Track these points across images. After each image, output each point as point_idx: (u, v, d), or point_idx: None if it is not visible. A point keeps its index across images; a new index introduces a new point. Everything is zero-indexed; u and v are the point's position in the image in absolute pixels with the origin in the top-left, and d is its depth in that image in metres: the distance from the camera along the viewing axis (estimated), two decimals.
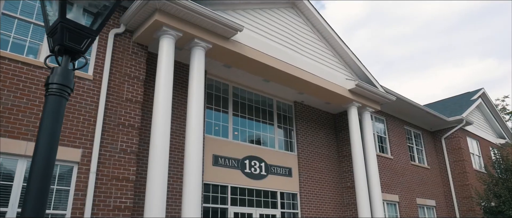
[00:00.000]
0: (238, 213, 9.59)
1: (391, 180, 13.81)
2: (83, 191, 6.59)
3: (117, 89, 7.58)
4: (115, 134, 7.30)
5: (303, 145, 11.93)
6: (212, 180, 9.28)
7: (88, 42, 2.20)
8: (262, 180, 10.39)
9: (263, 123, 11.25)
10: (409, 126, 16.10)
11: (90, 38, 2.20)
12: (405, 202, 14.02)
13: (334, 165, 12.71)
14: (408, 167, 14.96)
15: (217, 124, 10.02)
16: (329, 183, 12.26)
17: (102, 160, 6.99)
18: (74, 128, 6.80)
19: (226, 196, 9.50)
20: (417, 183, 15.14)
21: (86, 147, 6.85)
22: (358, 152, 11.17)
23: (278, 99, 11.94)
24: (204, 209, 8.96)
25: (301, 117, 12.25)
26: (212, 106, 10.09)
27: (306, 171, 11.64)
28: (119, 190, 7.05)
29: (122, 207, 7.00)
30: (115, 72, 7.66)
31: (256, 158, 10.44)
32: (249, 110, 10.98)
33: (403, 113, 15.28)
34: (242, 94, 10.98)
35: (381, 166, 13.57)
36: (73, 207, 6.44)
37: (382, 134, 14.47)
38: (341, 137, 13.19)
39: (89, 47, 2.24)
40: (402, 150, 15.01)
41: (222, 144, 9.81)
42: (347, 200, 12.36)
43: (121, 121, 7.45)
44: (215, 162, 9.45)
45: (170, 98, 7.28)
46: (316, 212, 11.42)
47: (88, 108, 7.07)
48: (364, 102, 11.69)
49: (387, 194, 13.34)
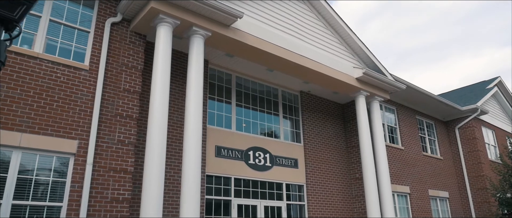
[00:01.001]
0: (242, 205, 9.41)
1: (402, 171, 13.44)
2: (80, 183, 6.49)
3: (114, 79, 7.43)
4: (112, 125, 7.17)
5: (310, 135, 11.66)
6: (215, 172, 9.11)
7: (23, 10, 1.98)
8: (267, 171, 10.17)
9: (268, 114, 11.00)
10: (421, 116, 15.64)
11: (24, 6, 1.97)
12: (416, 193, 13.65)
13: (342, 156, 12.42)
14: (419, 157, 14.55)
15: (220, 115, 9.82)
16: (337, 174, 11.98)
17: (99, 151, 6.87)
18: (70, 119, 6.69)
19: (230, 187, 9.33)
20: (429, 174, 14.72)
21: (83, 138, 6.73)
22: (366, 142, 10.85)
23: (283, 89, 11.67)
24: (207, 201, 8.81)
25: (307, 107, 11.96)
26: (215, 96, 9.89)
27: (313, 162, 11.38)
28: (117, 181, 6.93)
29: (120, 199, 6.88)
30: (112, 62, 7.50)
31: (261, 149, 10.22)
32: (253, 101, 10.75)
33: (415, 102, 14.83)
34: (245, 84, 10.75)
35: (391, 157, 13.21)
36: (70, 199, 6.34)
37: (393, 124, 14.08)
38: (349, 127, 12.86)
39: (24, 16, 2.01)
40: (413, 140, 14.60)
41: (225, 135, 9.62)
42: (356, 191, 12.07)
43: (119, 112, 7.31)
44: (218, 153, 9.28)
45: (167, 87, 7.10)
46: (323, 203, 11.17)
47: (84, 99, 6.94)
48: (372, 91, 11.33)
49: (398, 185, 12.99)
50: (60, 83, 6.75)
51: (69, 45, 7.17)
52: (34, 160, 6.25)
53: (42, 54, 6.67)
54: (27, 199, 6.05)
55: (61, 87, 6.73)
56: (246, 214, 9.40)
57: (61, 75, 6.80)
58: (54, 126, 6.49)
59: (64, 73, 6.84)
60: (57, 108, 6.59)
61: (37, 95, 6.45)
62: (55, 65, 6.78)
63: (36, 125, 6.31)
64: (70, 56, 7.11)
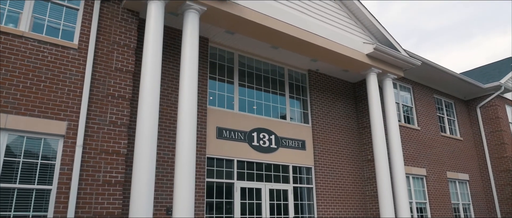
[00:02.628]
0: (246, 188, 9.10)
1: (418, 152, 12.81)
2: (69, 166, 6.28)
3: (105, 58, 7.14)
4: (103, 105, 6.90)
5: (319, 116, 11.17)
6: (216, 154, 8.79)
7: None
8: (272, 153, 9.79)
9: (273, 94, 10.56)
10: (439, 95, 14.84)
11: None
12: (433, 176, 13.02)
13: (353, 137, 11.89)
14: (437, 138, 13.85)
15: (222, 95, 9.45)
16: (348, 156, 11.49)
17: (90, 133, 6.63)
18: (59, 99, 6.45)
19: (232, 170, 9.01)
20: (448, 155, 14.02)
21: (72, 120, 6.49)
22: (377, 122, 10.29)
23: (289, 68, 11.16)
24: (208, 184, 8.53)
25: (316, 87, 11.44)
26: (216, 76, 9.50)
27: (321, 144, 10.92)
28: (109, 164, 6.69)
29: (113, 181, 6.65)
30: (102, 40, 7.20)
31: (265, 130, 9.82)
32: (257, 80, 10.31)
33: (432, 80, 14.05)
34: (249, 63, 10.30)
35: (407, 138, 12.59)
36: (59, 182, 6.14)
37: (408, 104, 13.39)
38: (361, 107, 12.28)
39: None
40: (431, 120, 13.89)
41: (227, 116, 9.26)
42: (368, 173, 11.57)
43: (110, 92, 7.02)
44: (219, 135, 8.94)
45: (158, 65, 6.75)
46: (333, 186, 10.74)
47: (73, 79, 6.67)
48: (385, 68, 10.69)
49: (413, 167, 12.40)
50: (48, 62, 6.50)
51: (57, 23, 6.89)
52: (21, 142, 6.05)
53: (28, 33, 6.41)
54: (15, 182, 5.88)
55: (48, 66, 6.48)
56: (250, 197, 9.09)
57: (49, 55, 6.54)
58: (41, 107, 6.26)
59: (52, 52, 6.58)
60: (44, 89, 6.35)
61: (23, 75, 6.21)
62: (42, 44, 6.51)
63: (22, 106, 6.09)
64: (58, 35, 6.83)
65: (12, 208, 5.77)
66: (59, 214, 6.02)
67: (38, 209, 5.98)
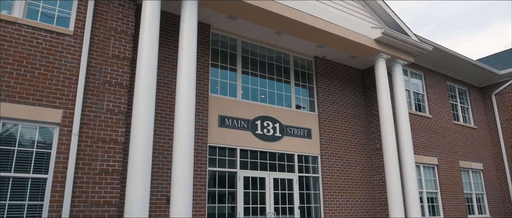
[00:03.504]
0: (249, 177, 8.92)
1: (429, 141, 12.43)
2: (65, 154, 6.17)
3: (101, 45, 6.97)
4: (100, 93, 6.76)
5: (325, 104, 10.87)
6: (219, 143, 8.62)
7: None
8: (277, 142, 9.57)
9: (278, 81, 10.29)
10: (452, 82, 14.35)
11: None
12: (445, 165, 12.64)
13: (361, 125, 11.57)
14: (450, 127, 13.41)
15: (224, 83, 9.23)
16: (356, 144, 11.20)
17: (86, 121, 6.51)
18: (54, 87, 6.32)
19: (235, 159, 8.84)
20: (461, 144, 13.58)
21: (68, 108, 6.37)
22: (386, 109, 9.95)
23: (295, 54, 10.86)
24: (210, 173, 8.37)
25: (322, 74, 11.12)
26: (218, 63, 9.28)
27: (328, 132, 10.64)
28: (106, 152, 6.57)
29: (110, 170, 6.54)
30: (99, 26, 7.03)
31: (270, 119, 9.60)
32: (261, 67, 10.06)
33: (445, 67, 13.56)
34: (252, 49, 10.04)
35: (417, 126, 12.21)
36: (55, 171, 6.05)
37: (420, 91, 12.97)
38: (369, 94, 11.92)
39: None
40: (443, 108, 13.44)
41: (229, 104, 9.05)
42: (376, 163, 11.27)
43: (107, 79, 6.88)
44: (221, 123, 8.75)
45: (155, 51, 6.56)
46: (340, 175, 10.49)
47: (69, 66, 6.54)
48: (394, 54, 10.30)
49: (424, 156, 12.04)
50: (42, 49, 6.36)
51: (52, 9, 6.74)
52: (16, 131, 5.96)
53: (21, 19, 6.27)
54: (10, 171, 5.80)
55: (43, 53, 6.35)
56: (253, 186, 8.92)
57: (43, 42, 6.40)
58: (36, 95, 6.14)
59: (46, 39, 6.44)
60: (39, 76, 6.23)
61: (16, 63, 6.09)
62: (36, 30, 6.38)
63: (16, 94, 5.98)
64: (53, 21, 6.68)
65: (8, 197, 5.70)
66: (55, 203, 5.94)
67: (34, 198, 5.91)
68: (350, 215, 10.35)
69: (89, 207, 6.22)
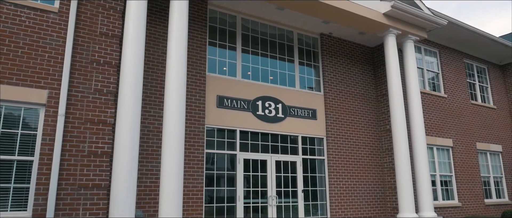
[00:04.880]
0: (249, 159, 8.61)
1: (444, 122, 11.81)
2: (51, 136, 5.97)
3: (89, 22, 6.68)
4: (88, 72, 6.50)
5: (332, 83, 10.38)
6: (217, 124, 8.31)
7: None
8: (279, 123, 9.20)
9: (281, 60, 9.84)
10: (470, 59, 13.56)
11: None
12: (461, 147, 12.02)
13: (370, 105, 11.05)
14: (466, 107, 12.72)
15: (223, 62, 8.86)
16: (364, 126, 10.71)
17: (73, 101, 6.27)
18: (38, 67, 6.09)
19: (235, 141, 8.53)
20: (478, 125, 12.89)
21: (53, 88, 6.14)
22: (395, 88, 9.40)
23: (299, 31, 10.35)
24: (207, 156, 8.10)
25: (329, 52, 10.60)
26: (216, 41, 8.89)
27: (334, 113, 10.18)
28: (94, 134, 6.34)
29: (99, 152, 6.32)
30: (86, 3, 6.72)
31: (272, 99, 9.20)
32: (262, 45, 9.61)
33: (462, 43, 12.78)
34: (253, 27, 9.59)
35: (431, 106, 11.60)
36: (41, 153, 5.86)
37: (435, 69, 12.29)
38: (379, 73, 11.34)
39: None
40: (459, 87, 12.74)
41: (228, 84, 8.69)
42: (386, 144, 10.77)
43: (95, 58, 6.60)
44: (220, 104, 8.42)
45: (142, 26, 6.23)
46: (347, 158, 10.07)
47: (54, 44, 6.28)
48: (405, 29, 9.67)
49: (438, 138, 11.46)
50: (26, 27, 6.11)
51: None
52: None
53: None
54: None
55: (26, 32, 6.10)
56: (254, 169, 8.61)
57: (26, 19, 6.14)
58: (19, 75, 5.92)
59: (30, 17, 6.18)
60: (22, 55, 6.00)
61: None
62: (19, 8, 6.12)
63: None
64: None
65: None
66: (41, 186, 5.77)
67: (20, 181, 5.75)
68: (357, 199, 9.97)
69: (77, 190, 6.04)
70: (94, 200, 6.14)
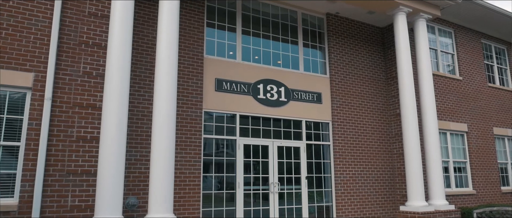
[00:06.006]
0: (250, 145, 8.29)
1: (458, 106, 11.22)
2: (38, 121, 5.77)
3: (77, 2, 6.39)
4: (76, 54, 6.24)
5: (338, 65, 9.91)
6: (215, 108, 8.00)
7: None
8: (281, 107, 8.83)
9: (284, 42, 9.41)
10: (488, 40, 12.81)
11: None
12: (476, 132, 11.43)
13: (380, 88, 10.55)
14: (483, 90, 12.06)
15: (221, 43, 8.49)
16: (373, 110, 10.24)
17: (61, 85, 6.04)
18: (24, 49, 5.86)
19: (234, 126, 8.21)
20: (496, 109, 12.24)
21: (40, 71, 5.91)
22: (405, 70, 8.88)
23: (303, 11, 9.86)
24: (205, 141, 7.82)
25: (335, 32, 10.10)
26: (215, 22, 8.51)
27: (341, 97, 9.74)
28: (83, 118, 6.12)
29: (88, 137, 6.10)
30: None
31: (274, 82, 8.82)
32: (264, 26, 9.19)
33: (480, 22, 12.05)
34: (254, 6, 9.16)
35: (445, 89, 11.01)
36: (28, 138, 5.67)
37: (450, 50, 11.64)
38: (389, 54, 10.79)
39: None
40: (476, 69, 12.06)
41: (228, 66, 8.34)
42: (396, 129, 10.29)
43: (84, 40, 6.33)
44: (218, 87, 8.09)
45: (130, 5, 5.90)
46: (354, 143, 9.65)
47: (40, 25, 6.03)
48: (416, 6, 9.09)
49: (452, 122, 10.90)
50: (10, 8, 5.87)
51: None
52: None
53: None
54: None
55: (10, 12, 5.86)
56: (255, 155, 8.30)
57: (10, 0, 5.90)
58: (4, 57, 5.71)
59: None
60: (6, 37, 5.77)
61: None
62: None
63: None
64: None
65: None
66: (28, 172, 5.60)
67: (6, 167, 5.59)
68: (364, 186, 9.58)
69: (66, 176, 5.85)
70: (84, 186, 5.95)
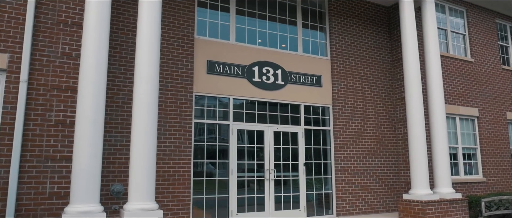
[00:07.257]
0: (244, 130, 7.94)
1: (469, 89, 10.63)
2: (13, 104, 5.49)
3: None
4: (54, 34, 5.92)
5: (340, 46, 9.41)
6: (207, 92, 7.63)
7: None
8: (278, 90, 8.41)
9: (281, 22, 8.93)
10: (503, 19, 12.08)
11: None
12: (488, 117, 10.85)
13: (384, 71, 10.02)
14: (496, 72, 11.41)
15: (214, 24, 8.07)
16: (377, 94, 9.74)
17: (38, 66, 5.74)
18: None
19: (228, 110, 7.85)
20: (510, 93, 11.59)
21: (15, 52, 5.61)
22: (410, 51, 8.35)
23: None
24: (196, 125, 7.48)
25: (337, 12, 9.56)
26: (207, 1, 8.08)
27: (342, 79, 9.26)
28: (62, 102, 5.83)
29: (68, 121, 5.81)
30: None
31: (270, 64, 8.40)
32: (260, 6, 8.72)
33: (495, 1, 11.32)
34: None
35: (455, 72, 10.42)
36: (2, 122, 5.41)
37: (461, 31, 10.99)
38: (395, 35, 10.21)
39: None
40: (489, 50, 11.40)
41: (221, 48, 7.93)
42: (401, 114, 9.79)
43: (62, 19, 6.00)
44: (210, 69, 7.71)
45: None
46: (356, 129, 9.20)
47: (15, 4, 5.70)
48: None
49: (461, 107, 10.33)
50: None
51: None
52: None
53: None
54: None
55: None
56: (249, 141, 7.95)
57: None
58: None
59: None
60: None
61: None
62: None
63: None
64: None
65: None
66: (4, 157, 5.35)
67: None
68: (366, 173, 9.16)
69: (44, 162, 5.59)
70: (63, 173, 5.69)
